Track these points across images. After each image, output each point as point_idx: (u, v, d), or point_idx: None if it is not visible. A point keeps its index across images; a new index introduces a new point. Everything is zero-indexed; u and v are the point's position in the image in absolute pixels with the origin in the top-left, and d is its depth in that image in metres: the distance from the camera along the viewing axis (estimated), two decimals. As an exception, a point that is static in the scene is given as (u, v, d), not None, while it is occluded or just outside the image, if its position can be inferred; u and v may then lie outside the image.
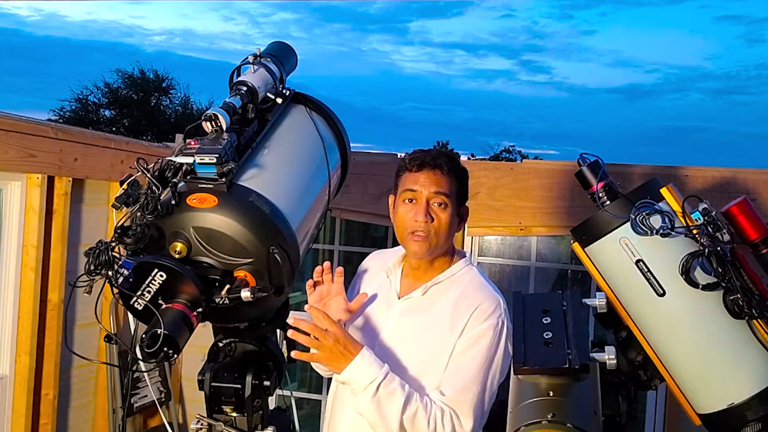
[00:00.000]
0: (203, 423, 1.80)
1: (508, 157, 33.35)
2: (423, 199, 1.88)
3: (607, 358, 1.22)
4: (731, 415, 1.97)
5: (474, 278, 1.93)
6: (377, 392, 1.70)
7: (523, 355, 1.19)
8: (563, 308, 1.29)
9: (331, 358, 1.72)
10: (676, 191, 2.03)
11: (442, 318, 1.85)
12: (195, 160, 1.57)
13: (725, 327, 1.95)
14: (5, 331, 3.25)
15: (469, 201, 2.03)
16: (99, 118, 28.14)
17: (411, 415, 1.72)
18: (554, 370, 1.16)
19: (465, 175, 1.97)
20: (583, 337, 1.20)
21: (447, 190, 1.88)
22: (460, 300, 1.86)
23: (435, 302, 1.89)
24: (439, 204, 1.88)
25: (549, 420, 1.12)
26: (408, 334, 1.88)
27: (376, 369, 1.72)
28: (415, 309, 1.91)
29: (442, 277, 1.93)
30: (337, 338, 1.72)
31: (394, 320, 1.92)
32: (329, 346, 1.71)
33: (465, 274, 1.94)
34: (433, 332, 1.85)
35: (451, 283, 1.92)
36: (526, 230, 3.69)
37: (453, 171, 1.90)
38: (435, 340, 1.84)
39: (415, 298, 1.92)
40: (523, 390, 1.20)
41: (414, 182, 1.89)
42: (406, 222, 1.90)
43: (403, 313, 1.92)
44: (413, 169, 1.91)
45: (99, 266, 1.50)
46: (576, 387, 1.17)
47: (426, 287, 1.91)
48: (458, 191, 1.92)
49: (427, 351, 1.84)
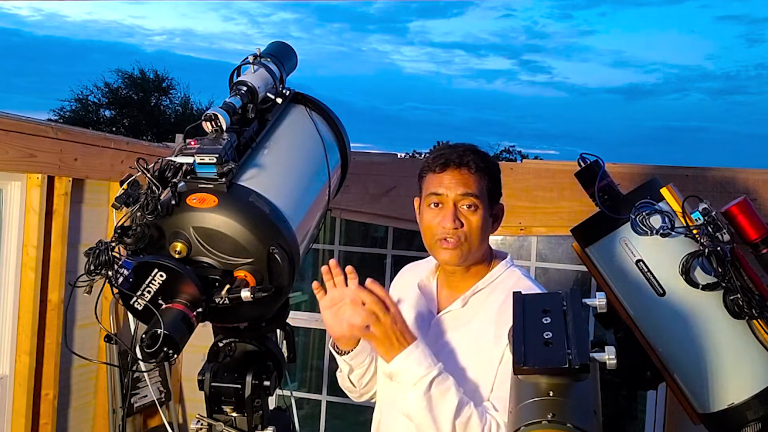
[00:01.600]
0: (203, 423, 1.80)
1: (508, 157, 33.34)
2: (450, 202, 1.72)
3: (607, 358, 1.22)
4: (731, 415, 1.98)
5: (518, 282, 1.75)
6: (430, 389, 1.56)
7: (523, 355, 1.18)
8: (563, 308, 1.29)
9: (384, 341, 1.58)
10: (676, 191, 2.03)
11: (486, 329, 1.69)
12: (195, 160, 1.57)
13: (725, 327, 1.96)
14: (5, 331, 3.25)
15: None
16: (99, 118, 28.16)
17: (464, 420, 1.57)
18: (554, 370, 1.16)
19: (496, 171, 1.80)
20: (583, 337, 1.20)
21: (476, 190, 1.72)
22: (504, 307, 1.66)
23: (477, 312, 1.74)
24: (469, 206, 1.72)
25: (549, 420, 1.11)
26: (452, 351, 1.72)
27: (430, 362, 1.58)
28: (456, 322, 1.75)
29: (482, 283, 1.77)
30: (395, 320, 1.58)
31: (435, 337, 1.75)
32: (387, 325, 1.57)
33: (507, 277, 1.78)
34: (478, 345, 1.70)
35: (493, 289, 1.76)
36: (526, 230, 3.69)
37: (482, 168, 1.74)
38: (481, 354, 1.68)
39: (456, 310, 1.77)
40: (523, 390, 1.19)
41: (439, 184, 1.74)
42: (433, 229, 1.75)
43: (445, 329, 1.76)
44: (437, 169, 1.75)
45: (99, 266, 1.50)
46: (576, 387, 1.17)
47: (465, 297, 1.75)
48: (490, 190, 1.76)
49: (474, 366, 1.68)
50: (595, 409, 1.18)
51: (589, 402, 1.17)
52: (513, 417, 1.17)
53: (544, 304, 1.30)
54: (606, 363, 1.21)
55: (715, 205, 1.98)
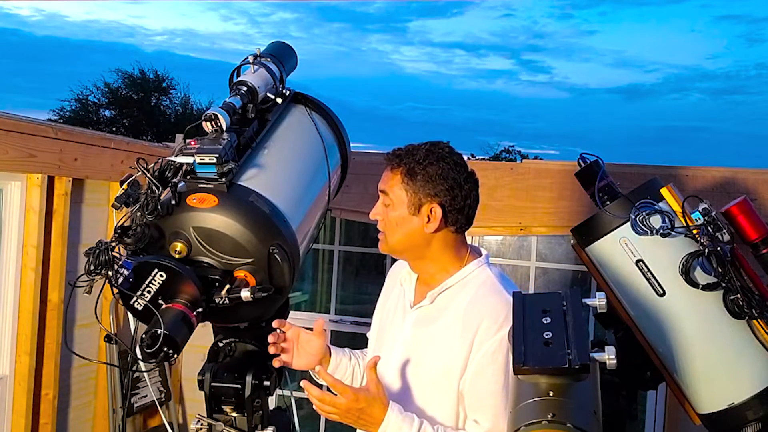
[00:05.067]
0: (203, 423, 1.80)
1: (508, 157, 33.33)
2: (379, 196, 1.82)
3: (607, 358, 1.22)
4: (731, 415, 1.98)
5: (487, 280, 1.78)
6: None
7: (523, 355, 1.18)
8: (563, 308, 1.29)
9: (350, 424, 1.67)
10: (676, 191, 2.03)
11: (454, 325, 1.74)
12: (195, 160, 1.58)
13: (725, 327, 1.96)
14: (5, 331, 3.25)
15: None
16: (99, 118, 28.12)
17: None
18: (554, 370, 1.16)
19: (435, 171, 1.75)
20: (583, 337, 1.20)
21: (390, 188, 1.77)
22: (470, 306, 1.73)
23: (445, 310, 1.78)
24: (385, 203, 1.79)
25: (549, 420, 1.11)
26: (422, 345, 1.78)
27: (405, 430, 1.64)
28: (426, 319, 1.80)
29: (451, 281, 1.79)
30: (348, 410, 1.63)
31: (409, 331, 1.82)
32: (338, 417, 1.65)
33: (477, 275, 1.80)
34: (445, 341, 1.74)
35: (462, 287, 1.79)
36: (526, 230, 3.69)
37: (404, 169, 1.76)
38: (448, 349, 1.73)
39: (425, 307, 1.81)
40: (523, 390, 1.20)
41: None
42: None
43: (416, 324, 1.82)
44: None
45: (99, 266, 1.50)
46: (576, 387, 1.17)
47: (433, 295, 1.79)
48: (413, 190, 1.75)
49: (441, 361, 1.73)
50: (595, 409, 1.18)
51: (589, 402, 1.17)
52: (513, 417, 1.17)
53: (544, 304, 1.31)
54: (606, 363, 1.21)
55: (715, 205, 1.98)
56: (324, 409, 1.65)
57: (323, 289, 4.86)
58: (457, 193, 1.75)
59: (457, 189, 1.75)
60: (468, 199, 1.77)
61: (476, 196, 1.80)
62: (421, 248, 1.79)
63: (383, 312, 1.96)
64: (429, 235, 1.77)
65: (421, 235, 1.77)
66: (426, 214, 1.75)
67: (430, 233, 1.76)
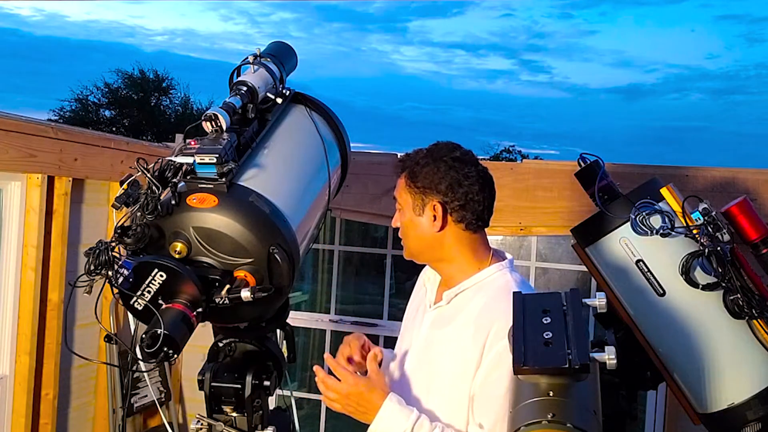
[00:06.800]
0: (203, 423, 1.80)
1: (508, 157, 33.36)
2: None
3: (607, 358, 1.22)
4: (731, 415, 1.98)
5: (505, 284, 1.77)
6: None
7: (523, 355, 1.18)
8: (563, 308, 1.29)
9: (351, 413, 1.72)
10: (676, 191, 2.03)
11: (467, 328, 1.75)
12: (195, 160, 1.58)
13: (725, 327, 1.96)
14: (5, 331, 3.25)
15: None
16: (99, 118, 28.15)
17: None
18: (554, 370, 1.16)
19: (432, 169, 1.78)
20: (583, 337, 1.20)
21: (398, 193, 1.85)
22: (484, 309, 1.74)
23: (460, 312, 1.79)
24: (398, 209, 1.86)
25: (549, 420, 1.11)
26: (436, 346, 1.81)
27: (402, 421, 1.67)
28: (442, 320, 1.82)
29: (468, 283, 1.80)
30: (348, 395, 1.70)
31: (426, 331, 1.85)
32: (340, 405, 1.72)
33: (495, 279, 1.80)
34: (458, 343, 1.75)
35: (478, 289, 1.79)
36: (526, 230, 3.69)
37: (407, 173, 1.83)
38: (461, 351, 1.74)
39: (442, 307, 1.83)
40: (522, 390, 1.20)
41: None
42: None
43: (433, 325, 1.84)
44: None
45: (99, 266, 1.50)
46: (576, 387, 1.17)
47: (449, 296, 1.81)
48: (415, 191, 1.79)
49: (454, 363, 1.75)
50: (595, 409, 1.18)
51: (589, 402, 1.17)
52: (513, 417, 1.17)
53: (544, 304, 1.31)
54: (606, 363, 1.21)
55: (715, 205, 1.98)
56: (328, 396, 1.73)
57: (323, 289, 4.86)
58: (456, 190, 1.76)
59: (456, 185, 1.76)
60: (470, 194, 1.77)
61: (480, 191, 1.79)
62: (435, 250, 1.83)
63: (408, 312, 2.01)
64: (440, 235, 1.80)
65: (433, 236, 1.80)
66: (430, 213, 1.79)
67: (439, 233, 1.79)
